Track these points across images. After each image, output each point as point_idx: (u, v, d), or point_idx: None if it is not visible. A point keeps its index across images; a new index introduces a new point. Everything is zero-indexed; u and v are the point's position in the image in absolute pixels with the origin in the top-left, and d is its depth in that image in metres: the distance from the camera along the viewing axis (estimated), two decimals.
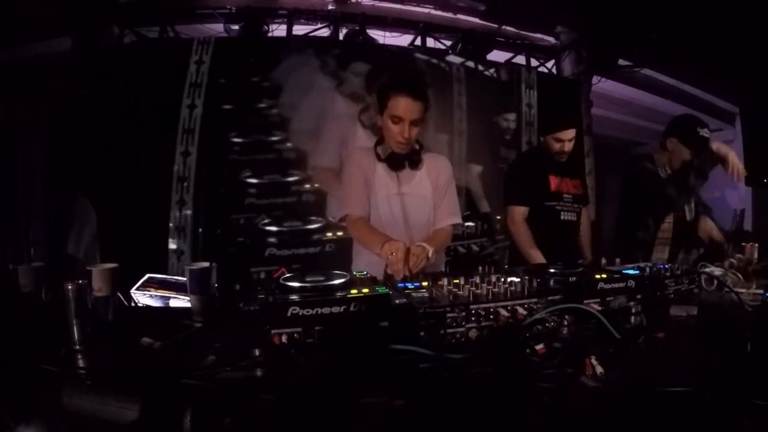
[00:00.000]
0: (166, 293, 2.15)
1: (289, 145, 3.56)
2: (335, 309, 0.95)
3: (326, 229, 3.54)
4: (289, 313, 0.93)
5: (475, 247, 3.88)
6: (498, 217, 3.92)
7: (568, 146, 2.28)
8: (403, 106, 1.67)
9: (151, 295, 2.14)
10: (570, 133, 2.27)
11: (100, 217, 3.13)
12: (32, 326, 1.16)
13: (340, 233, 3.49)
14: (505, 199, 2.36)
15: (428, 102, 1.74)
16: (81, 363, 1.00)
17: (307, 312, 0.94)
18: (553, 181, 2.31)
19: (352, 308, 0.96)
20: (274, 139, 3.54)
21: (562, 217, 2.30)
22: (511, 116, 4.20)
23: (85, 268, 1.28)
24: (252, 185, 3.49)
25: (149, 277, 2.21)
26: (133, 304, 1.99)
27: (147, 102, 3.31)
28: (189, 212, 3.38)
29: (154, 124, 3.33)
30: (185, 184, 3.40)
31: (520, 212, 2.25)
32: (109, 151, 3.25)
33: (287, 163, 3.55)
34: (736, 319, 1.29)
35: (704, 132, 2.19)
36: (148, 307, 1.99)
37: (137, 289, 2.13)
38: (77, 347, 1.06)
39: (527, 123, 4.22)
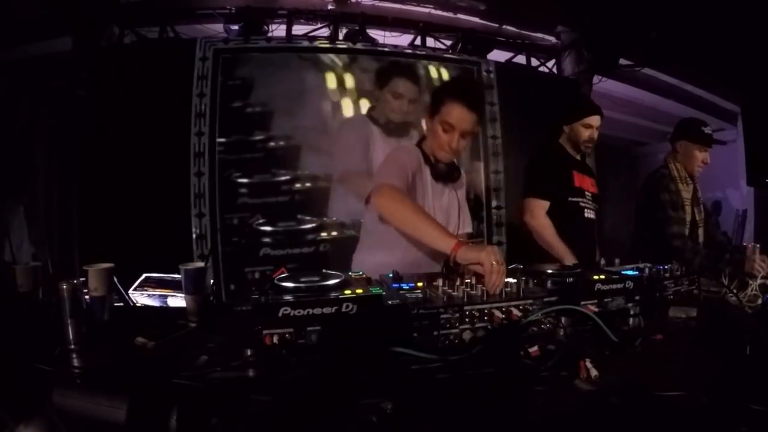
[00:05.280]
0: (164, 292, 2.15)
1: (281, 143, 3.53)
2: (327, 310, 0.95)
3: (321, 229, 3.50)
4: (280, 314, 0.92)
5: None
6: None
7: (596, 134, 2.24)
8: (458, 114, 1.56)
9: (149, 295, 2.15)
10: (598, 120, 2.23)
11: (97, 217, 3.12)
12: (30, 326, 1.16)
13: (334, 233, 3.48)
14: (526, 191, 2.21)
15: (482, 116, 1.63)
16: (75, 362, 1.00)
17: (299, 312, 0.93)
18: (576, 177, 2.23)
19: (343, 309, 0.95)
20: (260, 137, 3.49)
21: (585, 215, 2.22)
22: None
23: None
24: (242, 185, 3.45)
25: (146, 277, 2.21)
26: (130, 304, 1.99)
27: (146, 102, 3.29)
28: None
29: (154, 124, 3.32)
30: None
31: (542, 206, 2.13)
32: (107, 151, 3.24)
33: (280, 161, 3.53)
34: (736, 321, 1.28)
35: (708, 129, 2.29)
36: (143, 307, 1.99)
37: (135, 289, 2.13)
38: (72, 347, 1.06)
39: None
